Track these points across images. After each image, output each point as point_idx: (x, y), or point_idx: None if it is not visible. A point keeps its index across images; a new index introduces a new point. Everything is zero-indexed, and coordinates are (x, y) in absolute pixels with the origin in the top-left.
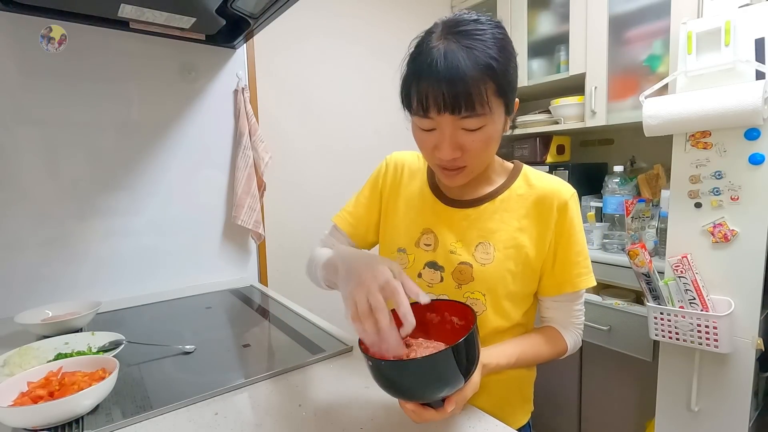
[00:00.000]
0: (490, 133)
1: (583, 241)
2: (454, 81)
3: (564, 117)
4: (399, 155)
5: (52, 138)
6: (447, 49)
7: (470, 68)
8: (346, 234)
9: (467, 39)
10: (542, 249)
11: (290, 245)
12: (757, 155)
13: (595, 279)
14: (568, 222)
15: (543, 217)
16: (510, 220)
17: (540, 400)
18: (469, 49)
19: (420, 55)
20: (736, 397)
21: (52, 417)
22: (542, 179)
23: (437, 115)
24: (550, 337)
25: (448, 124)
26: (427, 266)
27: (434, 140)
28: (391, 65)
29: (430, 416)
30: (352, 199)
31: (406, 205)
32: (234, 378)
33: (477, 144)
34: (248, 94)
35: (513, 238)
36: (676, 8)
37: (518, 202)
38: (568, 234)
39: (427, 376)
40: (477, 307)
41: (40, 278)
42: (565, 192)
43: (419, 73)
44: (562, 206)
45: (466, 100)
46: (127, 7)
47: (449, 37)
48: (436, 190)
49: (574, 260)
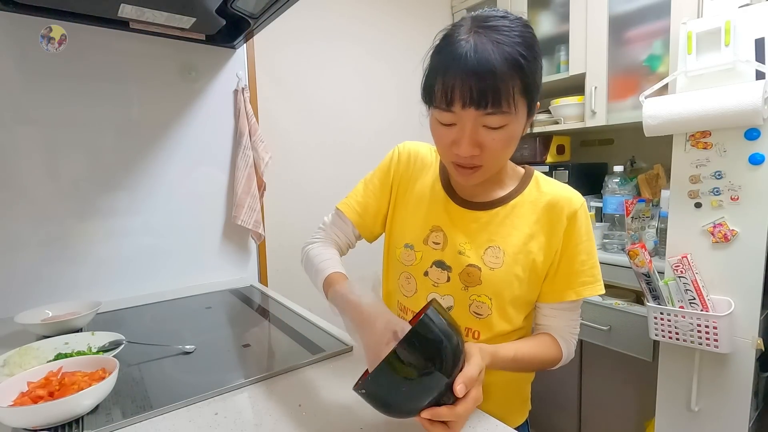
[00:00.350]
0: (511, 132)
1: (591, 250)
2: (483, 75)
3: (564, 117)
4: (412, 145)
5: (52, 138)
6: (477, 42)
7: (500, 63)
8: (352, 223)
9: (497, 34)
10: (549, 256)
11: (290, 245)
12: (757, 155)
13: (603, 287)
14: (576, 230)
15: (552, 225)
16: (521, 226)
17: (540, 399)
18: (499, 44)
19: (447, 47)
20: (736, 397)
21: (52, 417)
22: (553, 186)
23: (461, 109)
24: (547, 343)
25: (470, 120)
26: (435, 265)
27: (453, 135)
28: (391, 65)
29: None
30: (360, 186)
31: (416, 200)
32: (234, 378)
33: (497, 143)
34: (248, 94)
35: (523, 244)
36: (676, 8)
37: (529, 208)
38: (575, 242)
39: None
40: (482, 310)
41: (40, 278)
42: (575, 201)
43: (447, 65)
44: (572, 214)
45: (494, 95)
46: (127, 7)
47: (479, 31)
48: (449, 188)
49: (579, 269)
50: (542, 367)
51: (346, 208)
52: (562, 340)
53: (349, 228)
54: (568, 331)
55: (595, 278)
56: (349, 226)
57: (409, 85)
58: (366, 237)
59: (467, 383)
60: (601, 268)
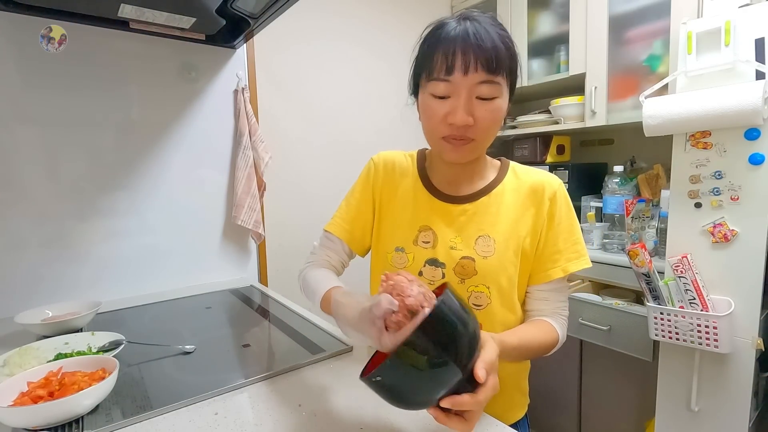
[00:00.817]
0: (498, 106)
1: (573, 228)
2: (482, 42)
3: (564, 117)
4: (386, 154)
5: (53, 138)
6: (470, 24)
7: (496, 39)
8: (343, 241)
9: (485, 24)
10: (535, 236)
11: (290, 245)
12: (757, 155)
13: (588, 261)
14: (557, 210)
15: (537, 206)
16: (507, 212)
17: (540, 399)
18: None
19: (442, 30)
20: (736, 397)
21: (52, 417)
22: (529, 172)
23: (462, 75)
24: (544, 327)
25: (466, 88)
26: (428, 264)
27: (447, 107)
28: (391, 65)
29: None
30: (342, 204)
31: (401, 204)
32: (234, 378)
33: (488, 114)
34: (248, 94)
35: (512, 230)
36: (676, 8)
37: (512, 195)
38: (557, 221)
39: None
40: (481, 300)
41: (40, 278)
42: (554, 182)
43: (445, 39)
44: (552, 195)
45: (494, 62)
46: (127, 7)
47: (467, 20)
48: (430, 186)
49: (562, 247)
50: (544, 351)
51: (333, 227)
52: (556, 323)
53: (339, 247)
54: (559, 313)
55: (579, 253)
56: (339, 245)
57: None
58: (358, 252)
59: (488, 368)
60: (601, 268)
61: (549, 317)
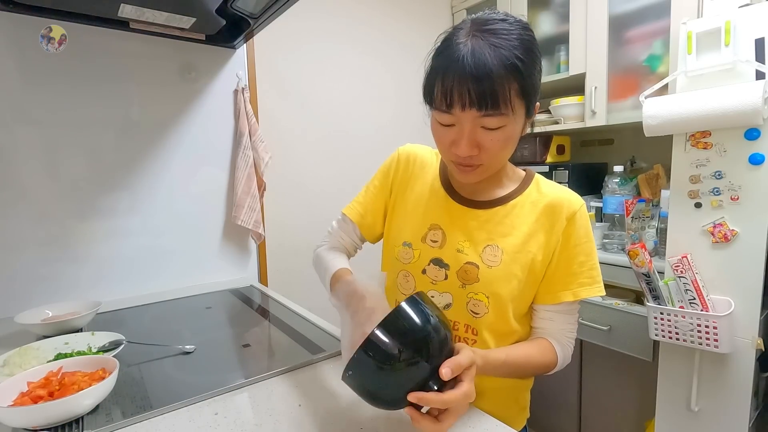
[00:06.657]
0: (509, 133)
1: (590, 252)
2: (480, 78)
3: (564, 117)
4: (412, 148)
5: (52, 138)
6: (474, 46)
7: (497, 67)
8: (355, 224)
9: (494, 37)
10: (548, 255)
11: (290, 245)
12: (757, 155)
13: (602, 289)
14: (575, 231)
15: (551, 224)
16: (520, 225)
17: (540, 399)
18: (496, 47)
19: (447, 50)
20: (736, 397)
21: (52, 417)
22: (553, 188)
23: (460, 111)
24: (541, 347)
25: (469, 121)
26: (433, 263)
27: (453, 136)
28: (391, 65)
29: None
30: (362, 190)
31: (415, 199)
32: (234, 378)
33: (495, 143)
34: (248, 94)
35: (522, 244)
36: (676, 8)
37: (529, 208)
38: (573, 243)
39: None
40: (479, 308)
41: (40, 278)
42: (575, 202)
43: (445, 68)
44: (571, 215)
45: (491, 97)
46: (127, 7)
47: (477, 34)
48: (449, 187)
49: (577, 270)
50: (536, 372)
51: (349, 211)
52: (558, 345)
53: (352, 229)
54: (565, 335)
55: (593, 280)
56: (351, 228)
57: (408, 85)
58: (368, 237)
59: (454, 368)
60: (601, 268)
61: (551, 337)
